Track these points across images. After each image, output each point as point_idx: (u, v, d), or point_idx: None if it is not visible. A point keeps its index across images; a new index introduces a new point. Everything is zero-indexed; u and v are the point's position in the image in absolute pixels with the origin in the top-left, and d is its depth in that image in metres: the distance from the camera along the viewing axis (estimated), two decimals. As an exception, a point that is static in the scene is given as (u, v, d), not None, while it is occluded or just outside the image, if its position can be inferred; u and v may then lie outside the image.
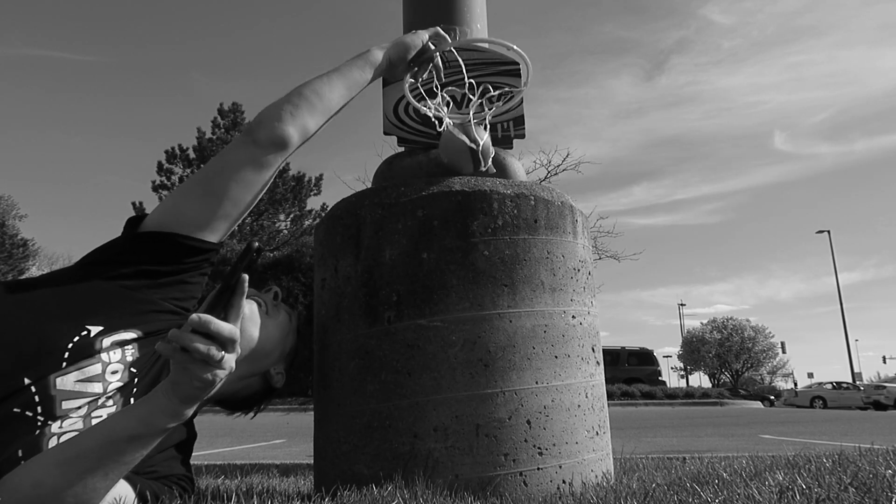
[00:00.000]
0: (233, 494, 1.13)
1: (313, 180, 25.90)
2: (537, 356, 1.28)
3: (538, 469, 1.23)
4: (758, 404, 21.46)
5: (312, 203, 26.16)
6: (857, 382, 28.19)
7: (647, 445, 5.20)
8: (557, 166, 12.81)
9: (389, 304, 1.30)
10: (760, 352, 36.30)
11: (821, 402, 24.04)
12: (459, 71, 1.54)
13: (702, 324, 38.79)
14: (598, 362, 1.43)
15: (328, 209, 1.58)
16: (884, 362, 64.41)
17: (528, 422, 1.25)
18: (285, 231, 25.53)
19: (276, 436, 7.07)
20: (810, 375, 51.96)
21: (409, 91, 1.46)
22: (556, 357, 1.31)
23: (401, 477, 1.19)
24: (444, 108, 1.50)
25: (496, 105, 1.54)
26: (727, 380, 36.97)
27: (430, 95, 1.54)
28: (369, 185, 1.60)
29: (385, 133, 1.63)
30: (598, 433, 1.36)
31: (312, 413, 1.43)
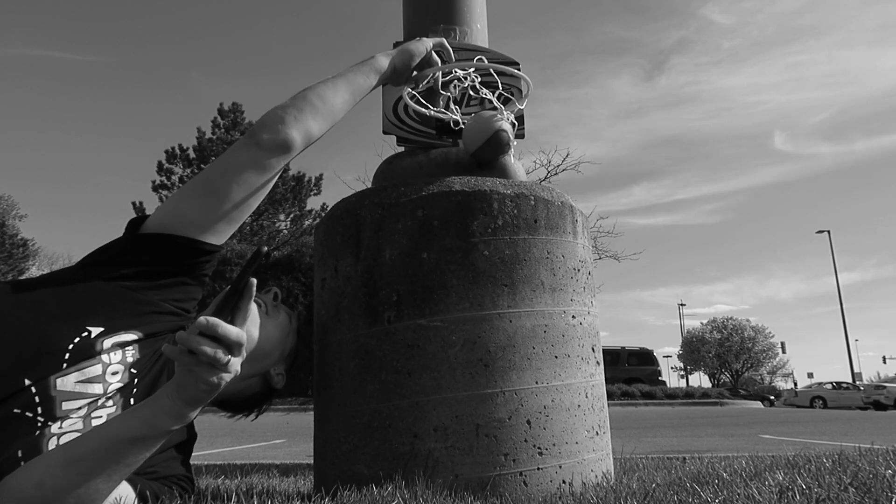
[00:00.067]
0: (233, 494, 1.13)
1: (313, 180, 25.93)
2: (537, 356, 1.29)
3: (538, 469, 1.23)
4: (758, 404, 21.45)
5: (312, 203, 26.21)
6: (857, 382, 28.19)
7: (647, 445, 5.20)
8: (557, 166, 12.82)
9: (389, 304, 1.30)
10: (760, 352, 36.29)
11: (821, 402, 24.03)
12: (461, 71, 1.54)
13: (702, 324, 38.81)
14: (598, 362, 1.43)
15: (328, 209, 1.58)
16: (884, 362, 64.42)
17: (528, 422, 1.25)
18: (285, 231, 25.54)
19: (276, 436, 7.07)
20: (810, 375, 52.00)
21: (409, 99, 1.46)
22: (556, 357, 1.31)
23: (401, 477, 1.19)
24: (449, 107, 1.51)
25: (496, 105, 1.54)
26: (727, 380, 36.97)
27: (429, 95, 1.54)
28: (369, 185, 1.60)
29: (384, 132, 1.63)
30: (598, 433, 1.36)
31: (312, 413, 1.43)
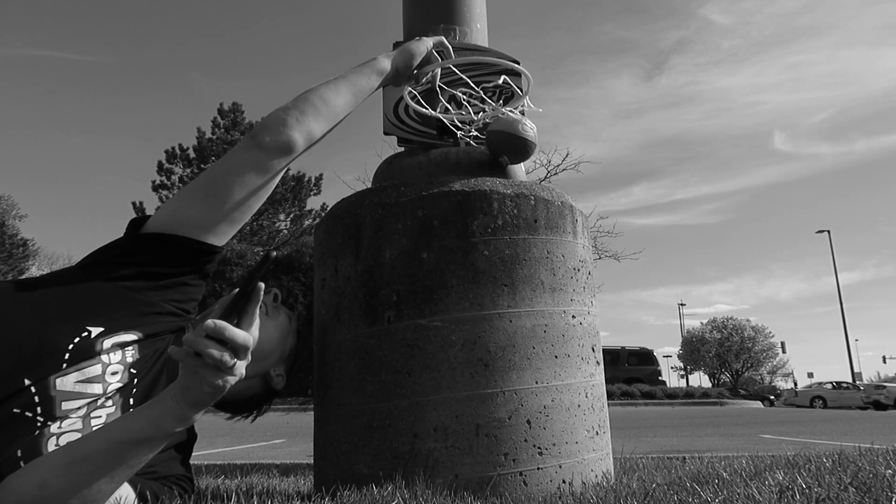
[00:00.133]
0: (233, 494, 1.13)
1: (313, 180, 25.93)
2: (537, 356, 1.29)
3: (538, 469, 1.23)
4: (758, 404, 21.46)
5: (312, 203, 26.21)
6: (857, 382, 28.18)
7: (647, 445, 5.20)
8: (557, 166, 12.85)
9: (389, 304, 1.30)
10: (760, 352, 36.30)
11: (821, 401, 24.03)
12: (461, 70, 1.54)
13: (702, 324, 38.82)
14: (598, 362, 1.43)
15: (328, 209, 1.58)
16: (884, 362, 64.43)
17: (528, 421, 1.25)
18: (285, 231, 25.54)
19: (276, 436, 7.07)
20: (810, 375, 52.02)
21: (409, 98, 1.46)
22: (556, 357, 1.31)
23: (401, 477, 1.19)
24: (448, 108, 1.51)
25: (498, 104, 1.54)
26: (727, 380, 36.97)
27: (429, 95, 1.54)
28: (369, 185, 1.60)
29: (385, 133, 1.63)
30: (598, 433, 1.36)
31: (312, 413, 1.43)
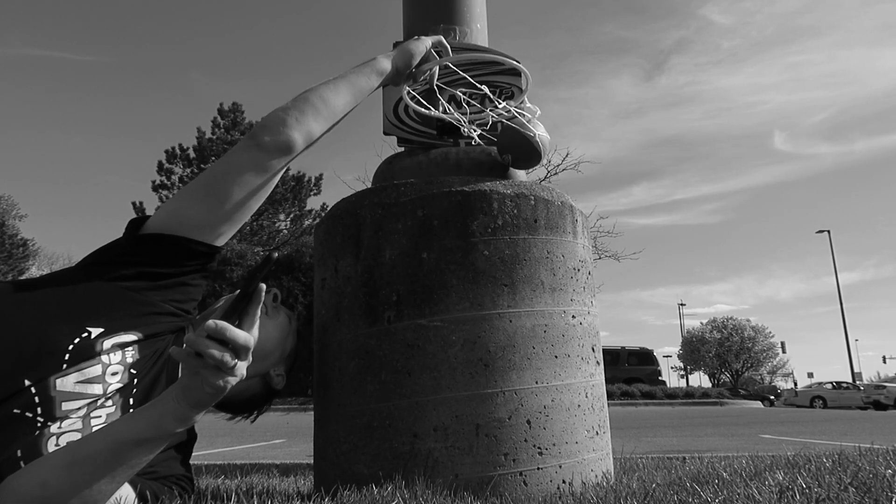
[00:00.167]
0: (233, 494, 1.13)
1: (313, 180, 25.92)
2: (537, 356, 1.29)
3: (538, 469, 1.23)
4: (758, 404, 21.45)
5: (312, 203, 26.21)
6: (857, 382, 28.17)
7: (647, 445, 5.20)
8: (557, 166, 12.85)
9: (389, 304, 1.30)
10: (760, 352, 36.30)
11: (821, 401, 24.02)
12: (461, 70, 1.54)
13: (702, 324, 38.82)
14: (598, 362, 1.43)
15: (328, 209, 1.58)
16: (884, 362, 64.41)
17: (528, 422, 1.25)
18: (285, 231, 25.54)
19: (276, 436, 7.07)
20: (810, 375, 52.02)
21: (409, 98, 1.46)
22: (556, 357, 1.31)
23: (401, 477, 1.19)
24: (448, 108, 1.50)
25: (497, 103, 1.54)
26: (727, 380, 36.97)
27: (429, 95, 1.54)
28: (369, 185, 1.60)
29: (385, 133, 1.63)
30: (598, 433, 1.36)
31: (312, 413, 1.43)
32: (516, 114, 1.48)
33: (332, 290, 1.40)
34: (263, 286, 0.88)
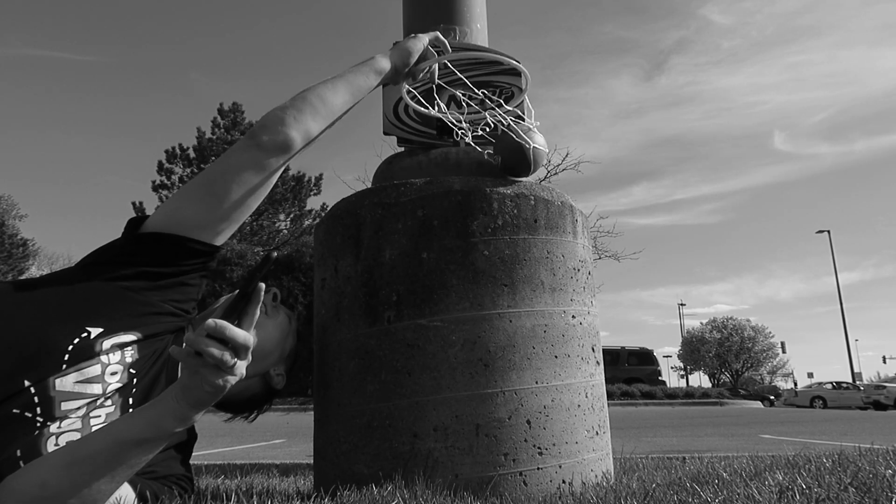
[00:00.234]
0: (233, 494, 1.13)
1: (313, 180, 25.93)
2: (537, 356, 1.29)
3: (538, 469, 1.23)
4: (758, 404, 21.45)
5: (312, 203, 26.21)
6: (857, 382, 28.17)
7: (647, 445, 5.20)
8: (557, 166, 12.85)
9: (389, 304, 1.30)
10: (760, 352, 36.30)
11: (821, 402, 24.02)
12: (460, 70, 1.54)
13: (702, 324, 38.82)
14: (598, 362, 1.43)
15: (328, 209, 1.58)
16: (884, 362, 64.41)
17: (528, 422, 1.25)
18: (285, 231, 25.55)
19: (276, 436, 7.07)
20: (810, 375, 51.99)
21: (407, 95, 1.46)
22: (556, 357, 1.31)
23: (401, 477, 1.19)
24: (447, 108, 1.50)
25: (496, 103, 1.54)
26: (727, 380, 36.97)
27: (429, 95, 1.54)
28: (369, 185, 1.60)
29: (385, 133, 1.63)
30: (598, 433, 1.36)
31: (312, 413, 1.43)
32: (512, 123, 1.47)
33: (332, 290, 1.40)
34: (262, 286, 0.88)
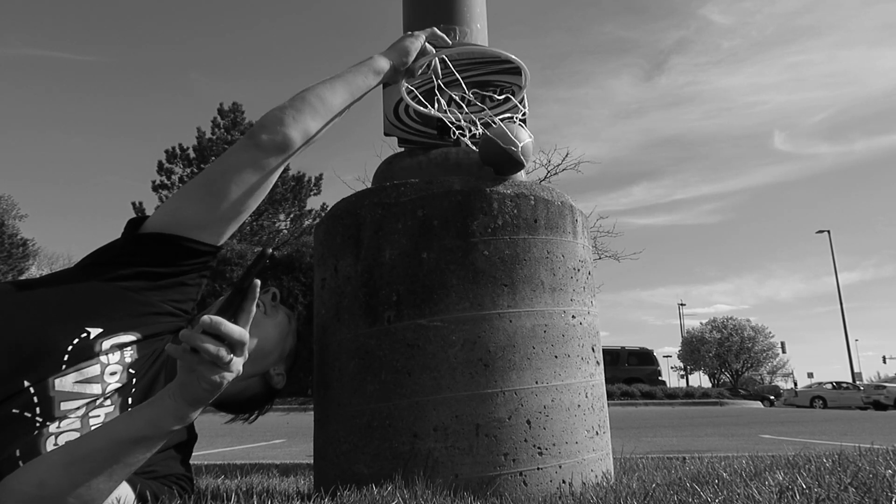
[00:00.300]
0: (233, 494, 1.13)
1: (313, 180, 25.93)
2: (537, 356, 1.29)
3: (538, 469, 1.23)
4: (758, 404, 21.46)
5: (312, 203, 26.22)
6: (857, 382, 28.17)
7: (647, 445, 5.20)
8: (557, 166, 12.88)
9: (389, 304, 1.30)
10: (760, 352, 36.30)
11: (821, 402, 24.03)
12: (459, 70, 1.54)
13: (701, 324, 38.82)
14: (598, 362, 1.43)
15: (328, 209, 1.58)
16: (884, 362, 64.41)
17: (528, 422, 1.25)
18: (285, 231, 25.55)
19: (276, 436, 7.08)
20: (810, 375, 52.00)
21: (407, 94, 1.46)
22: (556, 357, 1.31)
23: (401, 477, 1.19)
24: (447, 108, 1.50)
25: (497, 103, 1.54)
26: (727, 380, 36.98)
27: (430, 95, 1.54)
28: (369, 185, 1.60)
29: (385, 134, 1.63)
30: (598, 433, 1.36)
31: (312, 413, 1.43)
32: (498, 122, 1.45)
33: (332, 290, 1.40)
34: (258, 282, 0.88)
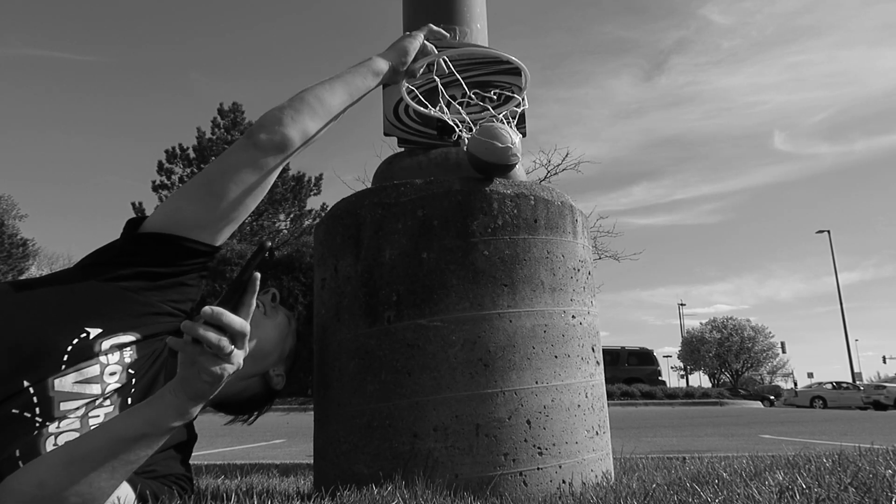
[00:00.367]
0: (233, 494, 1.13)
1: (313, 180, 25.94)
2: (537, 356, 1.28)
3: (538, 469, 1.23)
4: (758, 404, 21.46)
5: (312, 203, 26.22)
6: (857, 382, 28.17)
7: (647, 445, 5.20)
8: (557, 166, 12.89)
9: (389, 304, 1.30)
10: (760, 352, 36.29)
11: (821, 402, 24.02)
12: (459, 70, 1.54)
13: (701, 324, 38.81)
14: (598, 362, 1.43)
15: (328, 209, 1.58)
16: (884, 362, 64.40)
17: (528, 422, 1.25)
18: (285, 231, 25.55)
19: (276, 436, 7.07)
20: (810, 375, 51.99)
21: (407, 94, 1.46)
22: (556, 357, 1.31)
23: (401, 477, 1.19)
24: (447, 108, 1.50)
25: (497, 103, 1.54)
26: (727, 380, 36.97)
27: (430, 95, 1.54)
28: (369, 185, 1.60)
29: (385, 134, 1.63)
30: (598, 433, 1.36)
31: (312, 413, 1.43)
32: (474, 132, 1.43)
33: (332, 290, 1.40)
34: (258, 275, 0.88)
